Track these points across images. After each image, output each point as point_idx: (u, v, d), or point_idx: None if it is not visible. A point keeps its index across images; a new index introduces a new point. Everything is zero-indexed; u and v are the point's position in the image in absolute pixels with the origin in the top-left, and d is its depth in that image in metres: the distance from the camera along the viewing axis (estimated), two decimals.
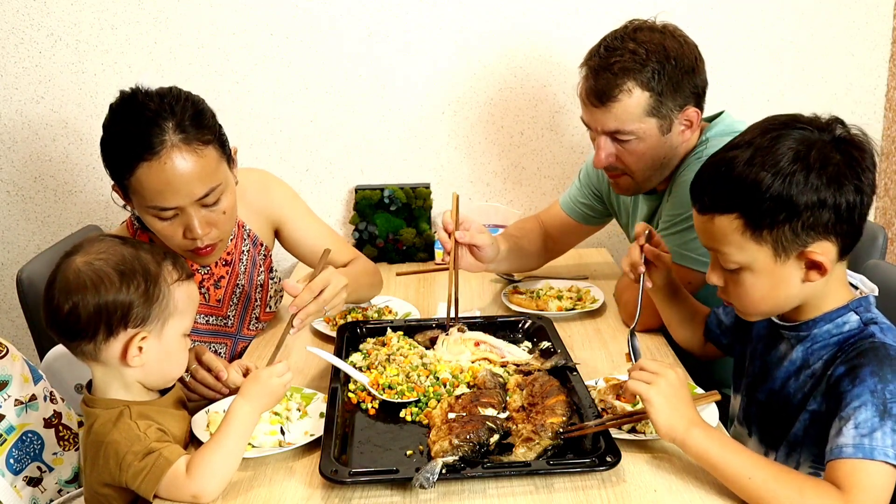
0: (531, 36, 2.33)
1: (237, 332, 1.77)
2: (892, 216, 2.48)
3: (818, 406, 1.24)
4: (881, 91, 2.43)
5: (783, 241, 1.19)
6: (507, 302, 1.89)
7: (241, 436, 1.21)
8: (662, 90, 1.64)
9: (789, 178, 1.17)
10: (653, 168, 1.73)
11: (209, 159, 1.46)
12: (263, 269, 1.81)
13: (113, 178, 1.50)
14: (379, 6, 2.30)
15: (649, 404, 1.20)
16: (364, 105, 2.37)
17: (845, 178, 1.18)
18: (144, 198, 1.45)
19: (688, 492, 1.18)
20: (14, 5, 2.25)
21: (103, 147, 1.48)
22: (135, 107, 1.45)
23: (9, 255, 2.44)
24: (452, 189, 2.43)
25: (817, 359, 1.27)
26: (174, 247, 1.52)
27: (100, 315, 1.20)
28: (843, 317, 1.26)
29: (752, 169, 1.19)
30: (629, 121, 1.65)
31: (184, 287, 1.29)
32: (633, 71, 1.63)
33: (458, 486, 1.19)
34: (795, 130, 1.21)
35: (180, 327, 1.29)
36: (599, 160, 1.73)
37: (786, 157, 1.18)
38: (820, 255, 1.20)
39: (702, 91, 1.72)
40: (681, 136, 1.71)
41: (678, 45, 1.66)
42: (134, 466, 1.18)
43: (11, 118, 2.33)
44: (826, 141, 1.20)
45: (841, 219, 1.19)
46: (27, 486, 1.47)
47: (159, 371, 1.29)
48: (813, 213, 1.17)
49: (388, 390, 1.43)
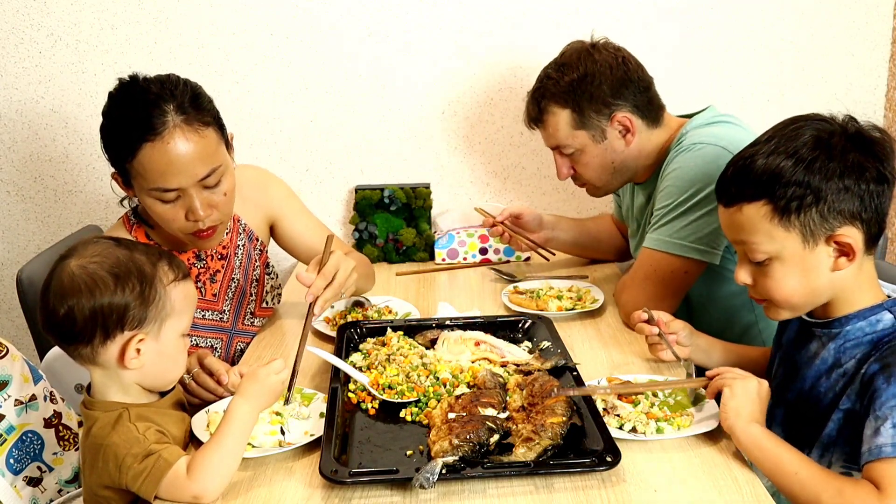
0: (531, 36, 2.33)
1: (232, 326, 1.77)
2: (892, 216, 2.48)
3: (851, 405, 1.24)
4: (881, 91, 2.43)
5: (811, 226, 1.22)
6: (507, 302, 1.89)
7: (240, 435, 1.21)
8: (580, 104, 1.79)
9: (812, 164, 1.20)
10: (606, 173, 1.88)
11: (210, 140, 1.50)
12: (259, 263, 1.83)
13: (114, 164, 1.51)
14: (379, 6, 2.30)
15: (731, 391, 1.25)
16: (364, 105, 2.37)
17: (865, 166, 1.21)
18: (147, 180, 1.46)
19: (688, 492, 1.18)
20: (14, 5, 2.25)
21: (104, 133, 1.50)
22: (136, 91, 1.48)
23: (9, 255, 2.44)
24: (452, 189, 2.44)
25: (850, 357, 1.27)
26: (175, 231, 1.54)
27: (95, 318, 1.20)
28: (876, 315, 1.26)
29: (777, 157, 1.23)
30: (561, 137, 1.83)
31: (180, 287, 1.28)
32: (551, 95, 1.82)
33: (458, 486, 1.19)
34: (815, 122, 1.25)
35: (178, 328, 1.28)
36: (560, 173, 1.91)
37: (807, 145, 1.22)
38: (848, 238, 1.22)
39: (637, 93, 1.81)
40: (621, 140, 1.82)
41: (593, 61, 1.79)
42: (133, 468, 1.18)
43: (11, 118, 2.33)
44: (844, 133, 1.23)
45: (865, 206, 1.21)
46: (27, 486, 1.47)
47: (158, 372, 1.29)
48: (838, 198, 1.20)
49: (388, 390, 1.43)
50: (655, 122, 1.85)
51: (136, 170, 1.47)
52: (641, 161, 1.86)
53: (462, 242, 2.28)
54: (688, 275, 1.71)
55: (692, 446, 1.29)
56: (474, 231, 2.29)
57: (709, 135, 1.75)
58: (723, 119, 1.82)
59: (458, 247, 2.28)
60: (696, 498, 1.17)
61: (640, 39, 2.32)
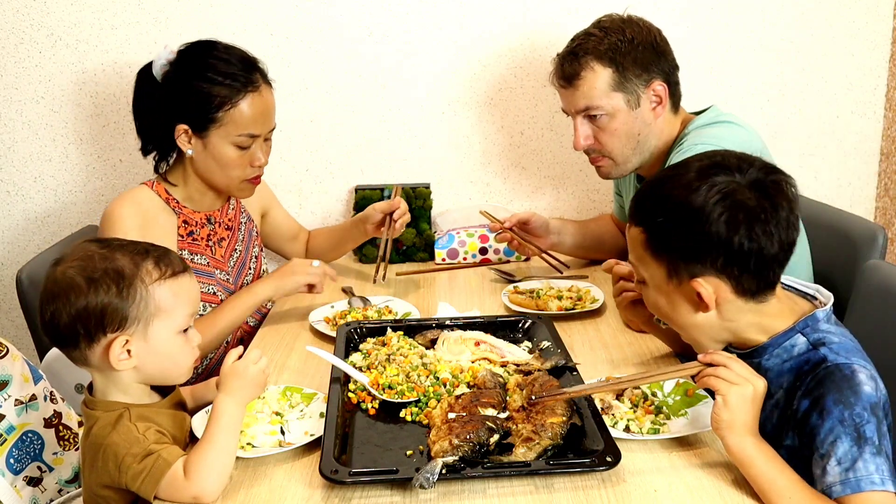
0: (531, 36, 2.33)
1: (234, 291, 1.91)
2: (892, 216, 2.48)
3: (792, 442, 1.24)
4: (881, 91, 2.43)
5: (675, 265, 1.24)
6: (507, 302, 1.89)
7: (230, 431, 1.21)
8: (624, 65, 1.76)
9: (692, 209, 1.20)
10: (629, 146, 1.84)
11: (274, 100, 1.85)
12: (256, 243, 2.05)
13: (200, 115, 1.74)
14: (379, 6, 2.30)
15: (724, 400, 1.18)
16: (364, 105, 2.37)
17: (750, 222, 1.18)
18: (239, 126, 1.75)
19: (688, 492, 1.18)
20: (14, 5, 2.25)
21: (203, 83, 1.73)
22: (235, 51, 1.79)
23: (9, 255, 2.44)
24: (452, 189, 2.44)
25: (777, 387, 1.26)
26: (235, 178, 1.81)
27: (75, 322, 1.20)
28: (790, 340, 1.25)
29: (663, 189, 1.25)
30: (596, 97, 1.79)
31: (168, 285, 1.26)
32: (593, 51, 1.78)
33: (458, 486, 1.19)
34: (721, 169, 1.22)
35: (171, 325, 1.27)
36: (578, 142, 1.86)
37: (699, 192, 1.20)
38: (703, 289, 1.22)
39: (669, 70, 1.82)
40: (652, 112, 1.81)
41: (638, 28, 1.80)
42: (133, 468, 1.18)
43: (11, 118, 2.33)
44: (743, 184, 1.20)
45: (732, 261, 1.20)
46: (27, 485, 1.47)
47: (158, 371, 1.28)
48: (704, 248, 1.20)
49: (388, 390, 1.42)
50: (675, 107, 1.86)
51: (231, 117, 1.74)
52: (658, 142, 1.84)
53: (462, 242, 2.28)
54: None
55: (692, 446, 1.29)
56: (474, 231, 2.29)
57: (710, 135, 1.75)
58: (724, 119, 1.82)
59: (458, 247, 2.28)
60: (696, 498, 1.17)
61: None
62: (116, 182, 2.38)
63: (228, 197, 1.95)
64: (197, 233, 1.87)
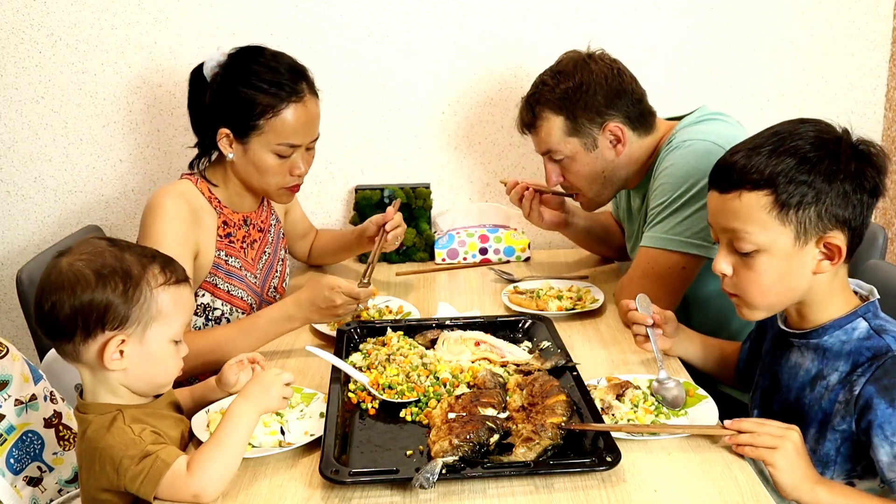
0: (531, 36, 2.33)
1: (261, 293, 1.91)
2: (892, 216, 2.48)
3: (848, 427, 1.24)
4: (881, 91, 2.43)
5: (806, 224, 1.22)
6: (507, 302, 1.89)
7: (241, 435, 1.21)
8: (575, 113, 1.81)
9: (818, 164, 1.21)
10: (597, 183, 1.89)
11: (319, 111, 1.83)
12: (282, 245, 2.04)
13: (243, 121, 1.72)
14: (379, 6, 2.30)
15: (774, 468, 1.20)
16: (364, 105, 2.37)
17: (865, 176, 1.22)
18: (280, 135, 1.73)
19: (688, 492, 1.18)
20: (14, 5, 2.25)
21: (247, 89, 1.71)
22: (283, 59, 1.77)
23: (9, 255, 2.44)
24: (452, 189, 2.44)
25: (832, 370, 1.27)
26: (274, 185, 1.80)
27: (76, 315, 1.20)
28: (851, 323, 1.27)
29: (784, 152, 1.23)
30: (554, 143, 1.85)
31: (171, 291, 1.26)
32: (545, 101, 1.84)
33: (458, 486, 1.19)
34: (819, 124, 1.26)
35: (167, 332, 1.26)
36: (550, 180, 1.94)
37: (813, 146, 1.22)
38: (837, 241, 1.22)
39: (630, 105, 1.82)
40: (612, 150, 1.84)
41: (590, 72, 1.81)
42: (131, 470, 1.17)
43: (11, 118, 2.33)
44: (847, 141, 1.24)
45: (856, 214, 1.22)
46: (27, 485, 1.47)
47: (144, 376, 1.27)
48: (836, 202, 1.21)
49: (388, 390, 1.43)
50: (647, 131, 1.86)
51: (273, 125, 1.72)
52: (631, 168, 1.88)
53: (462, 242, 2.28)
54: (685, 271, 1.72)
55: (692, 446, 1.29)
56: (474, 231, 2.29)
57: (699, 132, 1.76)
58: (712, 116, 1.83)
59: (458, 247, 2.28)
60: (696, 498, 1.17)
61: (640, 40, 2.33)
62: (116, 182, 2.38)
63: (263, 197, 1.94)
64: (234, 234, 1.84)
